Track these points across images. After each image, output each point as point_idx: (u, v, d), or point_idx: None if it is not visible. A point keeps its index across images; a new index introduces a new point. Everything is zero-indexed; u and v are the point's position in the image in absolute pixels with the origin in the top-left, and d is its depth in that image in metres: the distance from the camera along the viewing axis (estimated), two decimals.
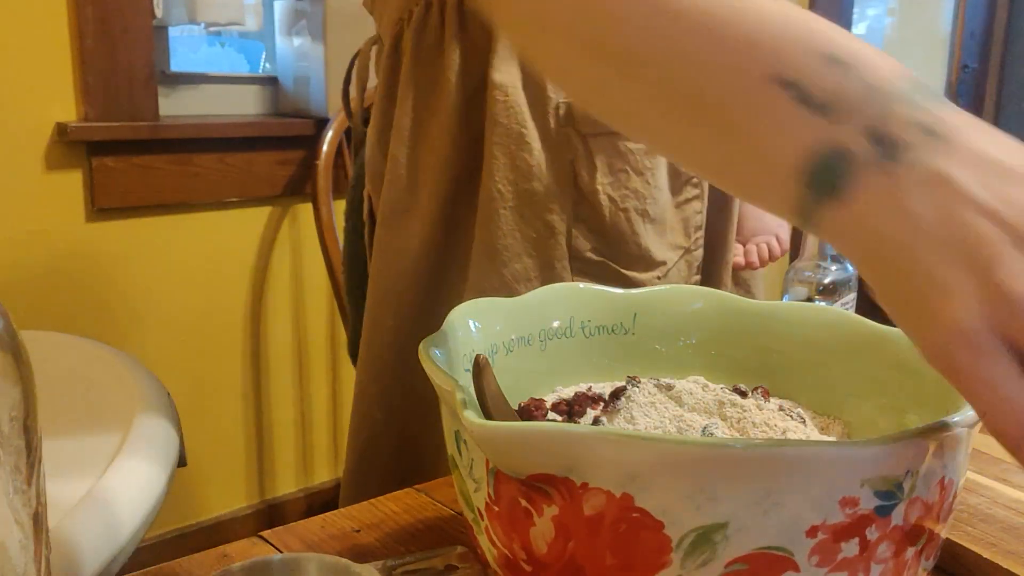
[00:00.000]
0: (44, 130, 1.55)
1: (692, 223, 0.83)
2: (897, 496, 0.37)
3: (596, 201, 0.76)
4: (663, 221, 0.80)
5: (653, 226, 0.79)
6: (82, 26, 1.55)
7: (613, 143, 0.76)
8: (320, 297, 1.95)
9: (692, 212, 0.82)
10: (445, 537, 0.56)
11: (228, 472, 1.89)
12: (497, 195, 0.75)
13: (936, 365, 0.32)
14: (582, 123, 0.75)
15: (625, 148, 0.76)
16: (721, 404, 0.48)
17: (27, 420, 0.31)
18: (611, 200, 0.76)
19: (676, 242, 0.81)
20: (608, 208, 0.76)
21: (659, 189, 0.79)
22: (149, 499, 0.89)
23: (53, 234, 1.59)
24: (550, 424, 0.38)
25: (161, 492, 0.95)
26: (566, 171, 0.76)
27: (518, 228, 0.76)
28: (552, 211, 0.76)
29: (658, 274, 0.79)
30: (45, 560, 0.33)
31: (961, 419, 0.38)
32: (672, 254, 0.81)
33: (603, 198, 0.76)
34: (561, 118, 0.75)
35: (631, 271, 0.78)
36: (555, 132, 0.75)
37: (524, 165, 0.75)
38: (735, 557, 0.36)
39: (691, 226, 0.83)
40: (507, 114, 0.74)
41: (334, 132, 1.67)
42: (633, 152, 0.76)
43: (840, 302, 0.75)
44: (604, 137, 0.76)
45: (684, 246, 0.82)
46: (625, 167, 0.76)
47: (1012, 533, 0.53)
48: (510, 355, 0.55)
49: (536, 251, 0.76)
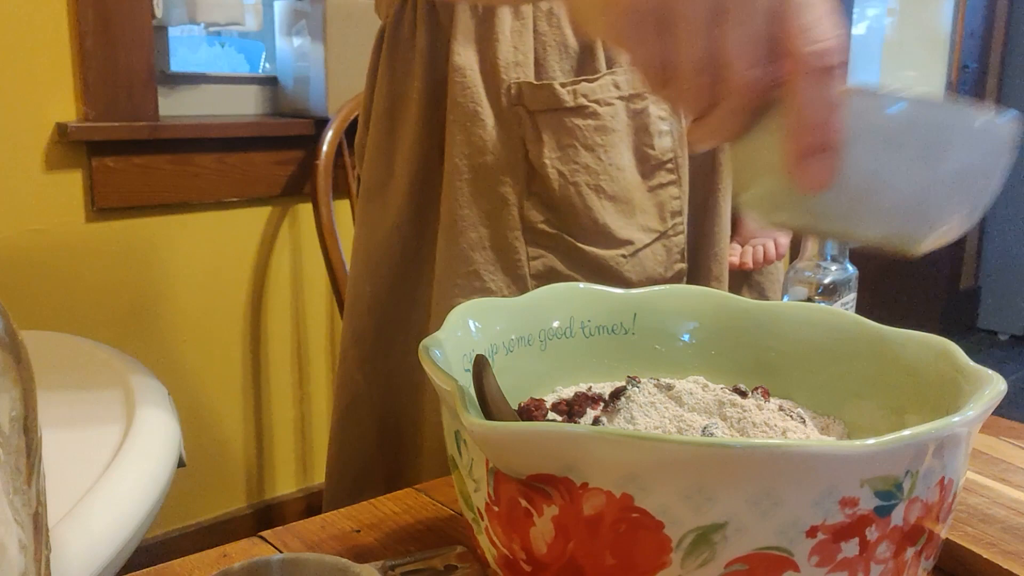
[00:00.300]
0: (44, 130, 1.55)
1: (668, 208, 0.85)
2: (897, 496, 0.37)
3: (545, 174, 0.80)
4: (627, 201, 0.82)
5: (613, 204, 0.81)
6: (82, 26, 1.55)
7: (560, 119, 0.80)
8: (320, 297, 1.95)
9: (668, 197, 0.85)
10: (445, 537, 0.56)
11: (228, 472, 1.89)
12: (455, 170, 0.81)
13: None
14: (530, 101, 0.80)
15: (572, 124, 0.80)
16: (721, 404, 0.48)
17: (27, 420, 0.31)
18: (560, 174, 0.80)
19: (648, 224, 0.84)
20: (558, 182, 0.80)
21: (617, 167, 0.81)
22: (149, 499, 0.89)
23: (53, 234, 1.58)
24: (550, 424, 0.38)
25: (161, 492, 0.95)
26: (517, 146, 0.80)
27: (474, 200, 0.81)
28: (504, 183, 0.80)
29: (623, 252, 0.82)
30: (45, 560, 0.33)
31: (960, 419, 0.38)
32: (642, 235, 0.83)
33: (552, 172, 0.80)
34: (512, 97, 0.80)
35: (589, 246, 0.81)
36: (507, 110, 0.80)
37: (478, 141, 0.80)
38: (735, 557, 0.36)
39: (667, 211, 0.85)
40: (464, 94, 0.79)
41: (334, 132, 1.67)
42: (581, 128, 0.80)
43: (840, 302, 0.75)
44: (551, 113, 0.80)
45: (659, 230, 0.84)
46: (573, 142, 0.80)
47: (1012, 533, 0.53)
48: (510, 355, 0.55)
49: (490, 221, 0.81)
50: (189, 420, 1.76)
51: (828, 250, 0.75)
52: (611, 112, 0.81)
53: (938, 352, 0.49)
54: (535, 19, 0.80)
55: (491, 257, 0.80)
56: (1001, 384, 0.42)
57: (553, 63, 0.80)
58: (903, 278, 3.45)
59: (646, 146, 0.83)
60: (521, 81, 0.79)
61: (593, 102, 0.80)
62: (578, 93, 0.79)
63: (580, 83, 0.79)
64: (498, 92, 0.80)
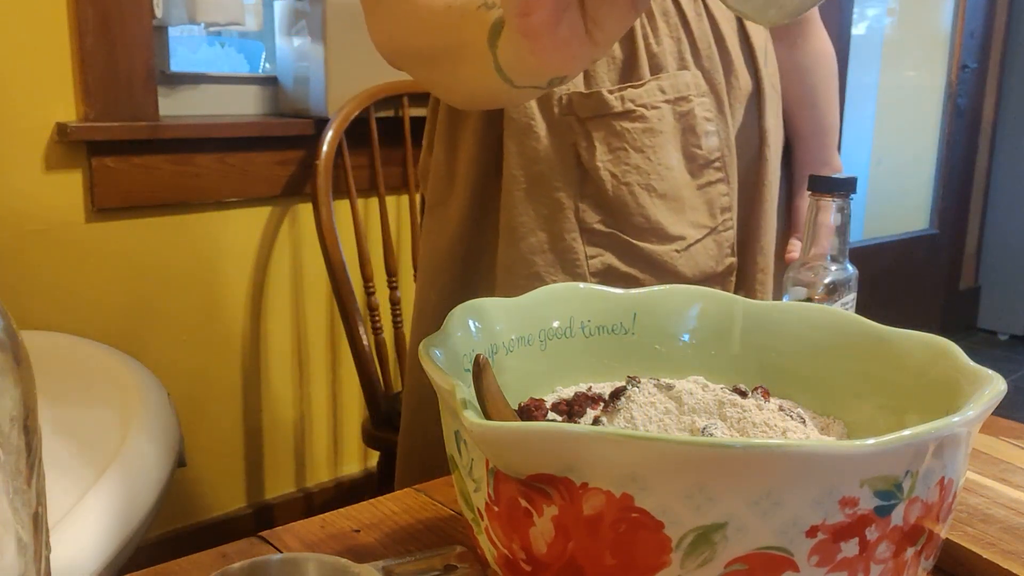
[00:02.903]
0: (44, 130, 1.55)
1: (717, 204, 0.88)
2: (897, 496, 0.37)
3: (598, 177, 0.84)
4: (677, 198, 0.86)
5: (663, 201, 0.85)
6: (82, 26, 1.55)
7: (609, 124, 0.84)
8: (320, 297, 1.95)
9: (716, 194, 0.88)
10: (445, 537, 0.56)
11: (228, 472, 1.89)
12: (512, 180, 0.85)
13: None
14: (581, 109, 0.84)
15: (621, 128, 0.84)
16: (721, 404, 0.48)
17: (27, 420, 0.31)
18: (612, 176, 0.84)
19: (699, 221, 0.87)
20: (610, 183, 0.84)
21: (665, 167, 0.85)
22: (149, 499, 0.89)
23: (53, 234, 1.58)
24: (550, 424, 0.38)
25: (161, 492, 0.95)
26: (570, 153, 0.84)
27: (531, 206, 0.85)
28: (559, 189, 0.84)
29: (676, 248, 0.86)
30: (45, 560, 0.33)
31: (961, 419, 0.38)
32: (694, 231, 0.87)
33: (604, 174, 0.83)
34: (564, 107, 0.84)
35: (643, 242, 0.85)
36: (559, 120, 0.84)
37: (532, 151, 0.84)
38: (735, 557, 0.36)
39: (716, 207, 0.88)
40: (518, 110, 0.84)
41: (334, 132, 1.67)
42: (629, 131, 0.84)
43: (840, 302, 0.75)
44: (599, 119, 0.84)
45: (709, 225, 0.88)
46: (623, 145, 0.84)
47: (1012, 533, 0.53)
48: (510, 355, 0.55)
49: (547, 226, 0.85)
50: (189, 420, 1.76)
51: (828, 250, 0.75)
52: (658, 115, 0.84)
53: (938, 352, 0.49)
54: None
55: (551, 259, 0.85)
56: (1001, 384, 0.42)
57: (601, 74, 0.84)
58: (903, 278, 3.45)
59: (693, 146, 0.87)
60: (571, 92, 0.84)
61: (640, 106, 0.84)
62: (625, 99, 0.83)
63: (627, 89, 0.84)
64: (550, 104, 0.84)
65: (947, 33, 3.57)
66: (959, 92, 3.57)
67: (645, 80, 0.85)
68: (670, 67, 0.86)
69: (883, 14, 3.45)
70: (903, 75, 3.55)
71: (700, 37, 0.88)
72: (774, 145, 0.95)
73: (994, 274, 3.82)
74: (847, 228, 0.75)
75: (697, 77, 0.87)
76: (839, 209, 0.74)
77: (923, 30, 3.60)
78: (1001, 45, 3.67)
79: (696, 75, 0.87)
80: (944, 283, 3.70)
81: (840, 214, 0.74)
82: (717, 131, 0.88)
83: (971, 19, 3.55)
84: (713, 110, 0.88)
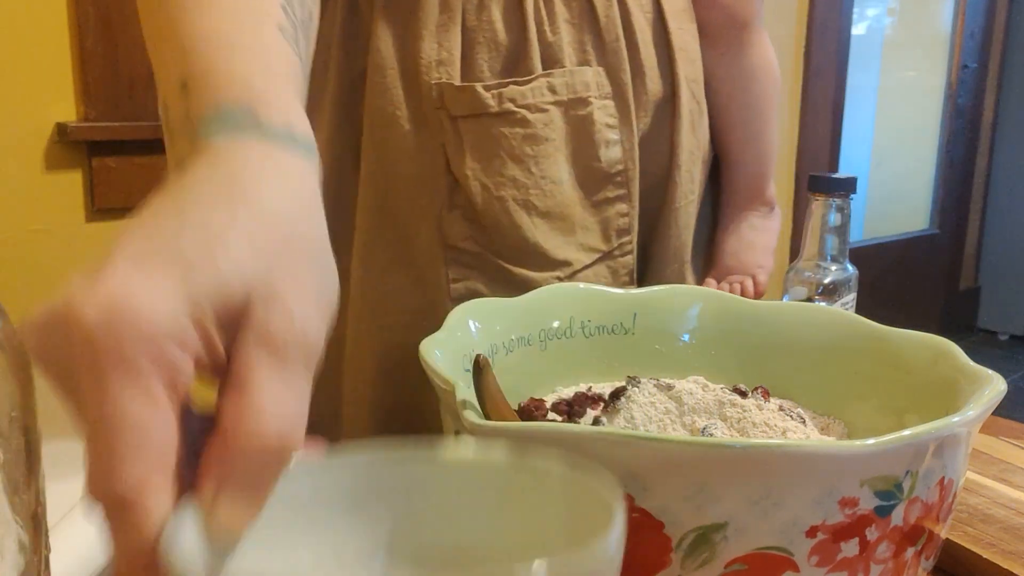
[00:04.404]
0: (44, 130, 1.55)
1: (614, 225, 0.75)
2: (897, 496, 0.37)
3: (467, 187, 0.70)
4: (565, 217, 0.73)
5: (546, 221, 0.72)
6: (82, 26, 1.55)
7: (483, 126, 0.70)
8: None
9: (615, 214, 0.75)
10: None
11: None
12: (369, 178, 0.73)
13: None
14: (452, 104, 0.70)
15: (499, 132, 0.70)
16: (721, 404, 0.48)
17: (26, 420, 0.31)
18: (484, 187, 0.70)
19: (590, 244, 0.74)
20: (480, 196, 0.70)
21: (551, 180, 0.72)
22: None
23: (53, 234, 1.58)
24: (550, 424, 0.38)
25: None
26: (439, 155, 0.71)
27: (388, 213, 0.72)
28: (422, 195, 0.71)
29: (559, 275, 0.73)
30: (45, 560, 0.33)
31: (961, 419, 0.38)
32: (583, 256, 0.74)
33: (474, 184, 0.70)
34: (434, 99, 0.70)
35: (518, 267, 0.72)
36: (428, 114, 0.71)
37: (394, 147, 0.71)
38: (735, 557, 0.36)
39: (612, 229, 0.75)
40: (383, 96, 0.71)
41: None
42: (507, 136, 0.70)
43: (840, 302, 0.75)
44: (473, 119, 0.70)
45: (603, 250, 0.75)
46: (499, 152, 0.70)
47: (1012, 533, 0.53)
48: (510, 355, 0.55)
49: (406, 234, 0.72)
50: None
51: (828, 250, 0.75)
52: (544, 119, 0.71)
53: (938, 352, 0.49)
54: (464, 12, 0.71)
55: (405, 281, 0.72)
56: (1001, 384, 0.42)
57: (481, 62, 0.71)
58: (903, 278, 3.45)
59: (590, 157, 0.73)
60: (443, 82, 0.70)
61: (522, 107, 0.70)
62: (504, 97, 0.70)
63: (508, 86, 0.70)
64: (419, 93, 0.71)
65: (947, 33, 3.57)
66: (959, 92, 3.57)
67: (533, 76, 0.71)
68: (567, 61, 0.72)
69: (883, 14, 3.45)
70: (903, 75, 3.55)
71: (607, 27, 0.74)
72: (686, 165, 0.80)
73: (994, 274, 3.82)
74: (847, 228, 0.75)
75: (600, 75, 0.73)
76: (839, 209, 0.74)
77: (923, 30, 3.60)
78: (1001, 45, 3.67)
79: (599, 73, 0.73)
80: (944, 283, 3.70)
81: (839, 214, 0.74)
82: (621, 140, 0.74)
83: (971, 19, 3.55)
84: (617, 115, 0.74)
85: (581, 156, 0.73)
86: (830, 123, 2.83)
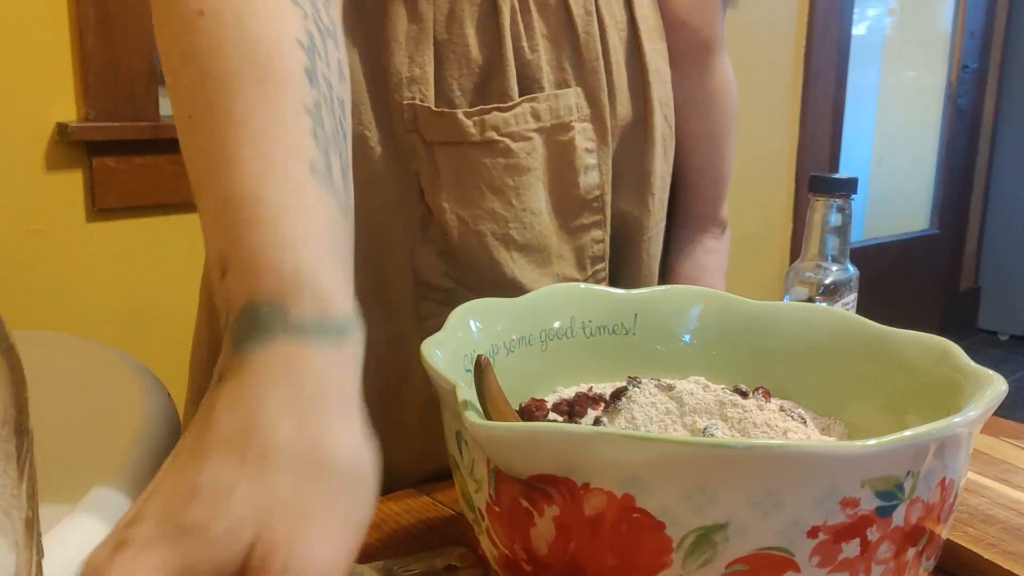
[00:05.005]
0: (44, 130, 1.55)
1: (588, 253, 0.71)
2: (898, 497, 0.37)
3: (443, 220, 0.65)
4: (542, 248, 0.68)
5: (524, 255, 0.67)
6: (83, 26, 1.55)
7: (463, 155, 0.65)
8: None
9: (589, 240, 0.71)
10: (446, 538, 0.56)
11: None
12: None
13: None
14: (428, 130, 0.64)
15: (478, 162, 0.65)
16: (722, 404, 0.48)
17: (18, 422, 0.31)
18: (460, 220, 0.65)
19: (565, 273, 0.70)
20: (457, 229, 0.65)
21: (531, 213, 0.67)
22: None
23: (53, 234, 1.58)
24: (551, 424, 0.38)
25: None
26: (411, 183, 0.65)
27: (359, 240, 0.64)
28: (394, 227, 0.66)
29: None
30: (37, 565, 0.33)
31: (961, 419, 0.38)
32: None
33: (451, 217, 0.65)
34: (407, 122, 0.64)
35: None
36: (400, 136, 0.65)
37: (363, 172, 0.63)
38: (736, 557, 0.36)
39: (587, 256, 0.71)
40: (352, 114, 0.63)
41: None
42: (488, 167, 0.65)
43: (840, 302, 0.75)
44: (452, 147, 0.65)
45: (578, 278, 0.71)
46: (479, 184, 0.65)
47: (1012, 534, 0.53)
48: (511, 355, 0.55)
49: (378, 267, 0.66)
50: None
51: (829, 251, 0.75)
52: (527, 148, 0.66)
53: (938, 352, 0.49)
54: (435, 22, 0.65)
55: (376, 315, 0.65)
56: (1002, 384, 0.42)
57: (451, 79, 0.65)
58: (903, 278, 3.45)
59: (568, 184, 0.69)
60: (417, 104, 0.64)
61: (505, 136, 0.65)
62: (487, 125, 0.64)
63: (491, 112, 0.64)
64: (388, 113, 0.65)
65: (947, 33, 3.57)
66: (959, 92, 3.57)
67: (516, 102, 0.65)
68: (545, 81, 0.67)
69: (883, 14, 3.46)
70: (903, 75, 3.55)
71: (587, 44, 0.69)
72: (659, 193, 0.76)
73: (994, 274, 3.82)
74: (847, 228, 0.75)
75: (579, 97, 0.68)
76: (839, 209, 0.74)
77: (923, 30, 3.60)
78: (1001, 45, 3.67)
79: (578, 94, 0.68)
80: (944, 283, 3.70)
81: (840, 214, 0.74)
82: (598, 164, 0.70)
83: (971, 19, 3.55)
84: (595, 139, 0.69)
85: (559, 183, 0.69)
86: (830, 123, 2.83)
